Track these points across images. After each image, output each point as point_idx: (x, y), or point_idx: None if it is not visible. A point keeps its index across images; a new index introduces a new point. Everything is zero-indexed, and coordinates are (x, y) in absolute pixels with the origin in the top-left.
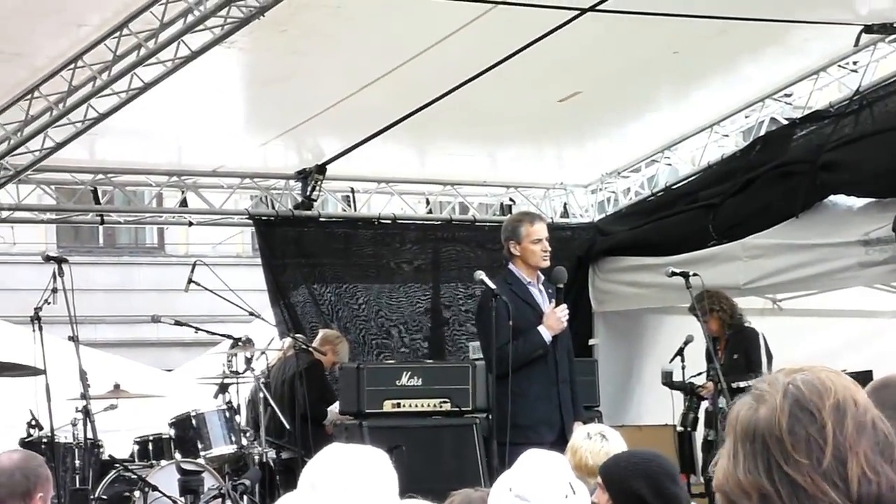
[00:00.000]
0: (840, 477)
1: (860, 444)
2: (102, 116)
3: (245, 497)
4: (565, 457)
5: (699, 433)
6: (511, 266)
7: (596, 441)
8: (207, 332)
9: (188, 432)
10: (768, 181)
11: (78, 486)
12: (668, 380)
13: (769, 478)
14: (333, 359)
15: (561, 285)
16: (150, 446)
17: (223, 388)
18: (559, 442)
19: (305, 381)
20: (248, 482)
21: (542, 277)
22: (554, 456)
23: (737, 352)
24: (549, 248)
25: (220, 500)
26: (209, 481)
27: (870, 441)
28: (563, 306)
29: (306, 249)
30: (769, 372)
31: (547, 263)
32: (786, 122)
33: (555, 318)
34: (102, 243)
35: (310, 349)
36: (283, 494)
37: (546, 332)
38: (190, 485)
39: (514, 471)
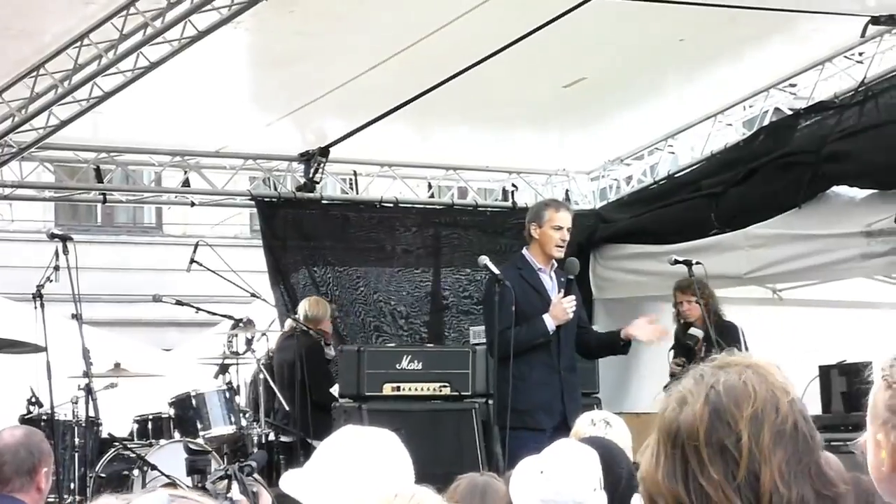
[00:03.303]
0: (752, 491)
1: (776, 455)
2: (107, 95)
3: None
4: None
5: None
6: (525, 251)
7: (600, 427)
8: (209, 312)
9: (188, 412)
10: (771, 171)
11: (77, 463)
12: None
13: (685, 487)
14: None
15: (572, 276)
16: (150, 425)
17: (223, 369)
18: (561, 428)
19: (307, 365)
20: (254, 463)
21: (556, 265)
22: (587, 449)
23: (720, 346)
24: (567, 239)
25: (226, 481)
26: (216, 463)
27: (787, 451)
28: (571, 297)
29: (307, 232)
30: None
31: (560, 254)
32: (790, 113)
33: (560, 309)
34: (101, 222)
35: (310, 331)
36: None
37: (550, 322)
38: (197, 465)
39: (547, 455)
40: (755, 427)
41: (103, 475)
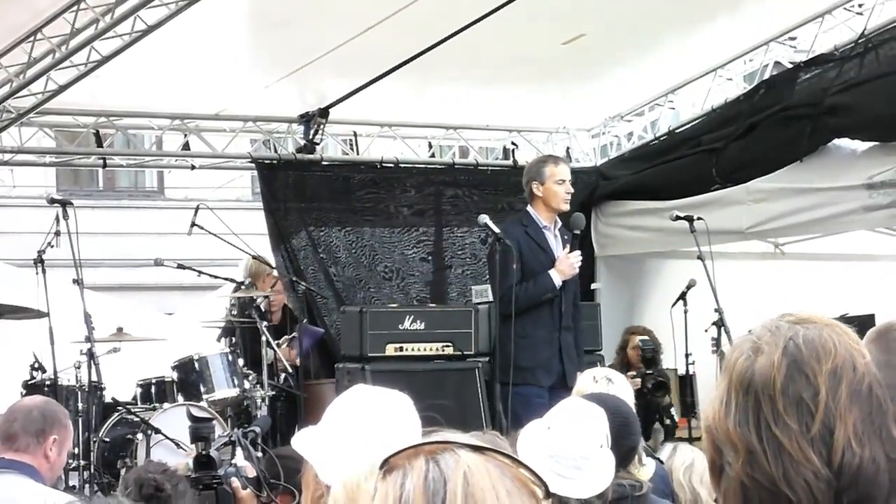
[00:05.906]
0: (825, 445)
1: (851, 412)
2: (105, 59)
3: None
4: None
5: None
6: (529, 208)
7: (602, 384)
8: (211, 275)
9: (191, 375)
10: (772, 125)
11: (81, 428)
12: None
13: (758, 435)
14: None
15: (578, 231)
16: (153, 389)
17: (226, 332)
18: (558, 386)
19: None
20: (257, 429)
21: (559, 223)
22: (594, 407)
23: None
24: (572, 191)
25: (229, 447)
26: (220, 427)
27: (862, 410)
28: (577, 252)
29: (308, 193)
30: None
31: (568, 206)
32: (790, 66)
33: (567, 264)
34: (102, 187)
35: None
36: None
37: (557, 277)
38: (201, 432)
39: (554, 412)
40: (833, 383)
41: (107, 440)
